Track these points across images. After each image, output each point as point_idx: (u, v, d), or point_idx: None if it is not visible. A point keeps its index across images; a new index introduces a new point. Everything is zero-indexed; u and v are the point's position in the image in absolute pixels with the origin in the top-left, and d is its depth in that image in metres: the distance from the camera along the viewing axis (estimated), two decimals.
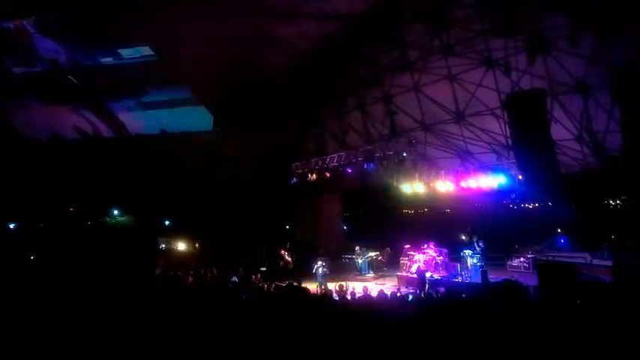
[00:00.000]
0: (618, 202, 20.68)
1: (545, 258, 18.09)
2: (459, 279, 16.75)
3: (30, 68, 17.65)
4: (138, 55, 16.96)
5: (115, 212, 25.51)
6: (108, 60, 17.34)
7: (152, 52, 16.52)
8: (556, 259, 17.39)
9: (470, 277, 16.60)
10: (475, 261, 16.99)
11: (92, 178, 20.79)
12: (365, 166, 19.08)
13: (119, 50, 16.83)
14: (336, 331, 5.23)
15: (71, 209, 24.26)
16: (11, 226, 22.68)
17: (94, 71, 17.69)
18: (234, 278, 17.06)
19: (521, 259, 18.87)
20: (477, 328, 5.06)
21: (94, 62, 17.32)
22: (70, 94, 19.03)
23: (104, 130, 21.10)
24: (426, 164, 20.27)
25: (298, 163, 21.81)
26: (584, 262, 16.51)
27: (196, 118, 21.52)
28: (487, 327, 5.02)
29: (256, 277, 17.62)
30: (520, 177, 16.40)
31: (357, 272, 19.86)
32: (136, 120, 20.98)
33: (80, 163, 20.38)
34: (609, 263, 14.69)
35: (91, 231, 23.87)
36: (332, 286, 15.32)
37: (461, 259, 17.48)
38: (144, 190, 21.71)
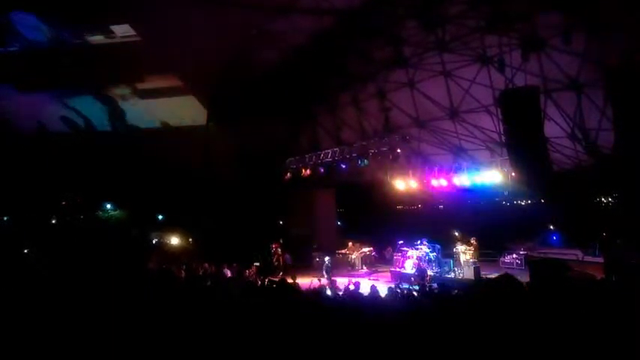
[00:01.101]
0: (610, 199, 20.83)
1: (537, 255, 18.21)
2: (452, 275, 16.83)
3: (5, 48, 14.89)
4: (133, 33, 14.91)
5: (108, 206, 25.40)
6: (98, 38, 15.20)
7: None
8: (548, 255, 17.51)
9: (462, 273, 16.68)
10: (468, 257, 17.06)
11: (85, 172, 20.65)
12: (359, 162, 19.09)
13: (111, 27, 14.68)
14: (328, 328, 5.24)
15: (63, 203, 24.13)
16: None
17: (82, 51, 15.49)
18: (228, 273, 17.05)
19: (514, 256, 18.97)
20: (469, 324, 5.08)
21: (83, 41, 15.13)
22: (56, 80, 16.83)
23: (95, 121, 20.25)
24: (419, 160, 20.32)
25: (292, 159, 21.79)
26: (575, 258, 16.63)
27: (190, 113, 21.44)
28: (480, 323, 5.04)
29: (250, 272, 17.59)
30: (513, 174, 16.47)
31: (350, 268, 19.90)
32: (130, 112, 20.78)
33: (73, 155, 20.21)
34: (600, 260, 14.82)
35: (83, 224, 23.75)
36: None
37: (454, 256, 17.55)
38: (137, 184, 21.63)
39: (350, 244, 20.63)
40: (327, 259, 17.89)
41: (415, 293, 11.01)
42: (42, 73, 16.63)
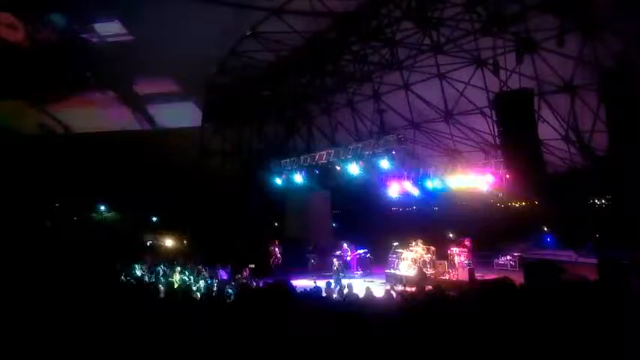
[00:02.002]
0: (603, 201, 20.94)
1: (531, 256, 18.29)
2: (447, 277, 16.86)
3: None
4: (120, 33, 14.30)
5: (102, 208, 25.30)
6: (87, 37, 14.63)
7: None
8: (542, 257, 17.58)
9: (457, 274, 16.71)
10: (462, 259, 17.09)
11: (78, 174, 20.52)
12: (354, 164, 19.06)
13: (95, 25, 13.92)
14: (324, 330, 5.23)
15: (57, 205, 23.99)
16: None
17: (65, 52, 14.77)
18: (223, 274, 17.02)
19: (508, 257, 19.04)
20: (464, 326, 5.08)
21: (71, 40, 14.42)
22: (36, 84, 15.88)
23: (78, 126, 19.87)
24: (414, 162, 20.34)
25: (287, 160, 21.77)
26: (569, 260, 16.70)
27: (186, 114, 21.36)
28: (475, 325, 5.04)
29: (245, 273, 17.56)
30: (507, 176, 16.50)
31: (345, 269, 19.88)
32: (123, 114, 20.62)
33: (66, 157, 20.07)
34: (594, 261, 14.88)
35: (76, 226, 23.61)
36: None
37: (448, 257, 17.58)
38: (132, 186, 21.53)
39: (344, 245, 20.62)
40: (335, 261, 18.01)
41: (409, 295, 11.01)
42: (21, 76, 15.58)
